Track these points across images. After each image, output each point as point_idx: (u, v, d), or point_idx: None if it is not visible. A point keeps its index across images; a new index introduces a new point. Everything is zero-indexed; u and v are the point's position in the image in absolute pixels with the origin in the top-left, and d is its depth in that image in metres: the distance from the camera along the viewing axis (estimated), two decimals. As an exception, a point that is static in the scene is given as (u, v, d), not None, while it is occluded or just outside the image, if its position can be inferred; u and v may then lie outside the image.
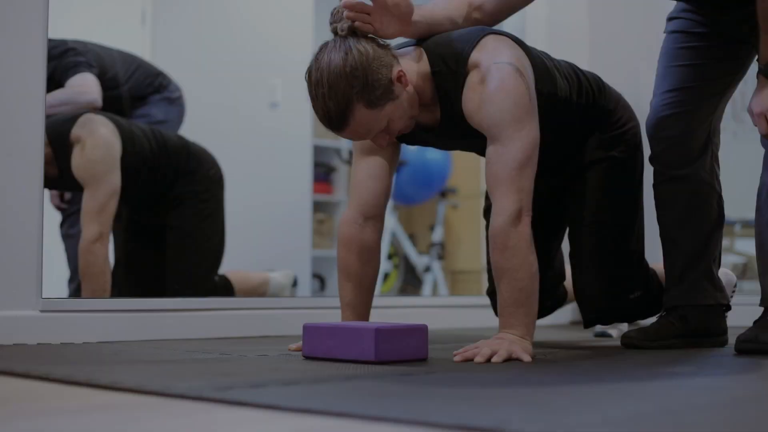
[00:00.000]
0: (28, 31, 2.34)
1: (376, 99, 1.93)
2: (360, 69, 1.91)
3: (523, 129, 1.93)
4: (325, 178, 5.76)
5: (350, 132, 1.97)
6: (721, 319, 2.30)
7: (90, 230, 2.87)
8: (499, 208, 1.92)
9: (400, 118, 2.00)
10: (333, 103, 1.92)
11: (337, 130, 1.97)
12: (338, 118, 1.94)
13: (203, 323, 2.65)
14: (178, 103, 3.59)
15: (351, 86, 1.90)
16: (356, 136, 1.99)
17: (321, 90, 1.92)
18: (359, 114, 1.93)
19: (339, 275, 2.21)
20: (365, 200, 2.17)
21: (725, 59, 2.25)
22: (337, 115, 1.93)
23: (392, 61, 1.98)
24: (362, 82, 1.91)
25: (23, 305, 2.29)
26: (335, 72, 1.91)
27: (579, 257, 2.31)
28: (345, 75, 1.90)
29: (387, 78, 1.94)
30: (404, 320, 3.07)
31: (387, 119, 1.97)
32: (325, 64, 1.93)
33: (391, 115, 1.97)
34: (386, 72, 1.94)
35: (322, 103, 1.93)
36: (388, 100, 1.95)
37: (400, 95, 1.97)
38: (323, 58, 1.94)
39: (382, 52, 1.97)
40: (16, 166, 2.30)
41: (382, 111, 1.95)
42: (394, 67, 1.97)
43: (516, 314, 1.92)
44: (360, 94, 1.91)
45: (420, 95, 2.04)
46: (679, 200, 2.27)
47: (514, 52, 2.01)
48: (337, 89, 1.91)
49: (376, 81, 1.92)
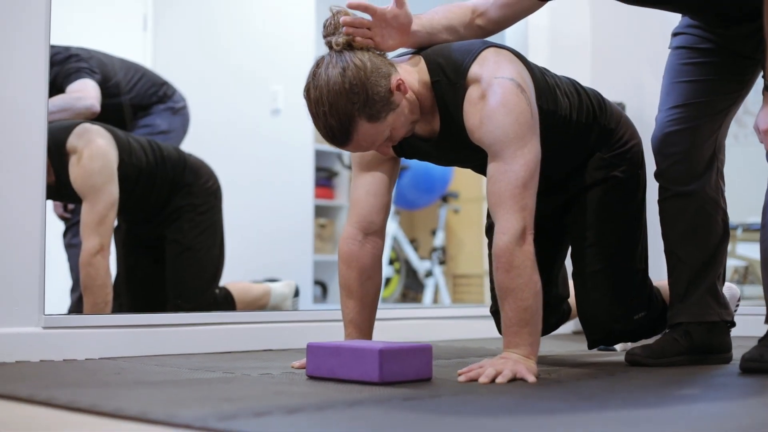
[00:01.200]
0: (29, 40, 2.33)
1: (377, 112, 1.92)
2: (359, 84, 1.90)
3: (525, 146, 1.92)
4: (327, 183, 5.76)
5: (354, 146, 1.97)
6: (726, 335, 2.29)
7: (90, 243, 2.86)
8: (503, 227, 1.91)
9: (402, 126, 1.99)
10: (335, 120, 1.91)
11: (341, 146, 1.97)
12: (341, 135, 1.93)
13: (206, 338, 2.64)
14: (182, 113, 3.58)
15: (352, 103, 1.90)
16: (360, 149, 1.99)
17: (322, 108, 1.91)
18: (362, 128, 1.92)
19: (341, 292, 2.20)
20: (365, 217, 2.16)
21: (731, 75, 2.24)
22: (341, 131, 1.93)
23: (390, 70, 1.96)
24: (363, 98, 1.90)
25: (25, 322, 2.28)
26: (335, 89, 1.90)
27: (582, 278, 2.30)
28: (345, 92, 1.90)
29: (386, 88, 1.93)
30: (406, 333, 3.09)
31: (389, 129, 1.96)
32: (324, 81, 1.92)
33: (393, 124, 1.96)
34: (385, 82, 1.93)
35: (324, 120, 1.93)
36: (389, 111, 1.94)
37: (401, 103, 1.96)
38: (321, 75, 1.93)
39: (379, 62, 1.96)
40: (17, 183, 2.29)
41: (384, 122, 1.94)
42: (393, 76, 1.95)
43: (520, 333, 1.92)
44: (361, 110, 1.91)
45: (420, 102, 2.03)
46: (684, 216, 2.26)
47: (516, 66, 2.00)
48: (338, 107, 1.90)
49: (375, 94, 1.91)
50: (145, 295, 3.32)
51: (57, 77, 3.22)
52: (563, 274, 2.50)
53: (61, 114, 3.12)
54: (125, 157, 3.01)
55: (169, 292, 3.22)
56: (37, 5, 2.34)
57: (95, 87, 3.24)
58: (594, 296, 2.27)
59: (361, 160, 2.17)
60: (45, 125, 2.35)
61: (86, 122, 3.00)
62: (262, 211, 4.67)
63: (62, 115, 3.12)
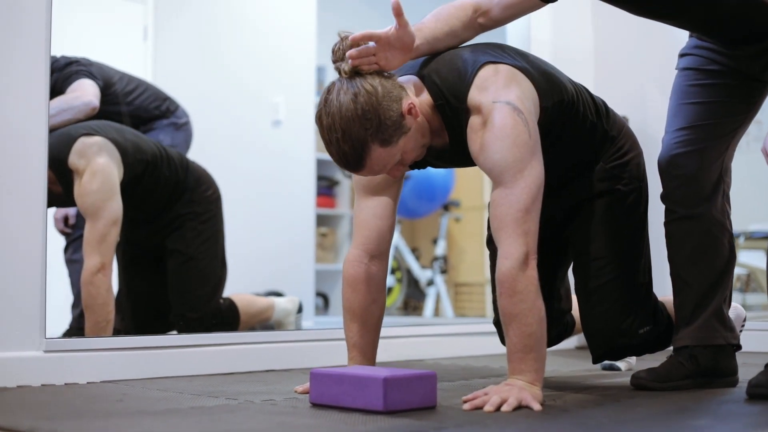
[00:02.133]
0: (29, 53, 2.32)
1: (390, 136, 1.93)
2: (371, 110, 1.90)
3: (525, 169, 1.91)
4: (328, 192, 5.75)
5: (367, 170, 1.97)
6: (732, 359, 2.28)
7: (91, 261, 2.84)
8: (505, 252, 1.90)
9: (412, 149, 2.00)
10: (348, 147, 1.91)
11: (354, 171, 1.98)
12: (355, 161, 1.94)
13: (208, 359, 2.63)
14: (184, 128, 3.57)
15: (365, 129, 1.90)
16: (372, 173, 1.99)
17: (335, 135, 1.91)
18: (375, 153, 1.93)
19: (344, 315, 2.19)
20: (370, 239, 2.16)
21: (738, 97, 2.22)
22: (354, 157, 1.93)
23: (401, 93, 1.96)
24: (375, 123, 1.90)
25: (27, 346, 2.27)
26: (347, 116, 1.90)
27: (586, 292, 2.29)
28: (357, 118, 1.89)
29: (398, 113, 1.93)
30: (409, 351, 3.08)
31: (401, 153, 1.97)
32: (336, 108, 1.91)
33: (405, 147, 1.97)
34: (396, 107, 1.93)
35: (337, 147, 1.92)
36: (401, 135, 1.95)
37: (412, 127, 1.97)
38: (332, 101, 1.93)
39: (389, 86, 1.95)
40: (18, 208, 2.28)
41: (396, 146, 1.95)
42: (404, 100, 1.95)
43: (525, 360, 1.90)
44: (374, 135, 1.91)
45: (428, 123, 2.03)
46: (690, 239, 2.24)
47: (513, 85, 1.98)
48: (350, 133, 1.90)
49: (388, 119, 1.91)
50: (148, 309, 3.30)
51: (56, 83, 3.22)
52: (566, 287, 2.49)
53: (62, 115, 3.10)
54: (129, 158, 2.99)
55: (173, 302, 3.21)
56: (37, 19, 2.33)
57: (93, 85, 3.24)
58: (598, 311, 2.26)
59: (367, 183, 2.16)
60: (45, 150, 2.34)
61: (84, 135, 2.96)
62: (263, 222, 4.66)
63: (63, 116, 3.11)
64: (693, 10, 2.08)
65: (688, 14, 2.11)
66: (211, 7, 4.93)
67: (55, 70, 3.23)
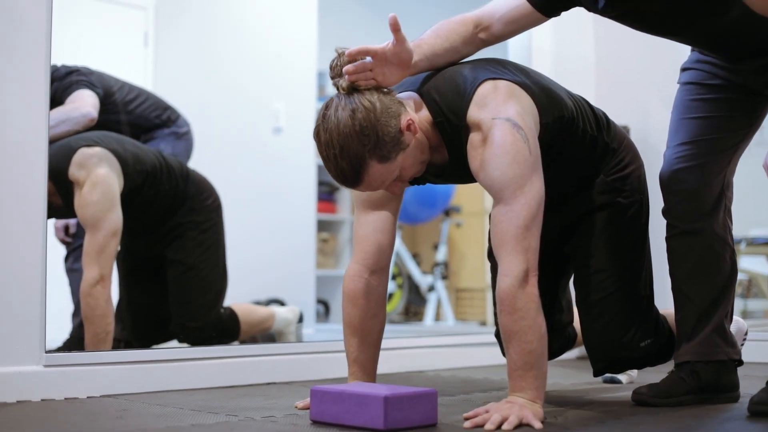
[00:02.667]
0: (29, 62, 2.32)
1: (388, 153, 1.92)
2: (370, 126, 1.90)
3: (525, 185, 1.91)
4: (329, 198, 5.75)
5: (365, 186, 1.96)
6: (733, 374, 2.27)
7: (90, 272, 2.84)
8: (506, 269, 1.90)
9: (411, 165, 1.99)
10: (346, 163, 1.91)
11: (352, 186, 1.97)
12: (353, 177, 1.93)
13: (208, 372, 2.62)
14: (185, 138, 3.57)
15: (363, 145, 1.89)
16: (370, 188, 1.99)
17: (333, 151, 1.91)
18: (373, 170, 1.92)
19: (345, 330, 2.18)
20: (370, 254, 2.15)
21: (740, 112, 2.21)
22: (352, 174, 1.92)
23: (400, 109, 1.96)
24: (374, 140, 1.90)
25: (26, 361, 2.27)
26: (345, 132, 1.89)
27: (587, 305, 2.28)
28: (355, 134, 1.89)
29: (396, 129, 1.92)
30: (409, 362, 3.08)
31: (399, 169, 1.96)
32: (334, 124, 1.91)
33: (403, 164, 1.96)
34: (395, 123, 1.93)
35: (335, 163, 1.92)
36: (400, 151, 1.94)
37: (410, 143, 1.96)
38: (330, 117, 1.92)
39: (388, 102, 1.95)
40: (18, 221, 2.28)
41: (394, 163, 1.94)
42: (402, 116, 1.95)
43: (526, 377, 1.90)
44: (372, 151, 1.90)
45: (427, 139, 2.03)
46: (691, 254, 2.24)
47: (513, 101, 1.97)
48: (348, 149, 1.89)
49: (386, 135, 1.91)
50: (148, 318, 3.30)
51: (56, 92, 3.21)
52: (567, 299, 2.49)
53: (61, 126, 3.10)
54: (129, 169, 2.99)
55: (173, 312, 3.20)
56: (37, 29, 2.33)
57: (92, 96, 3.23)
58: (599, 324, 2.25)
59: (367, 198, 2.16)
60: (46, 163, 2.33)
61: (84, 146, 2.96)
62: (264, 229, 4.66)
63: (62, 127, 3.10)
64: (696, 27, 2.07)
65: (691, 31, 2.10)
66: (211, 13, 4.93)
67: (55, 79, 3.22)
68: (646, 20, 2.10)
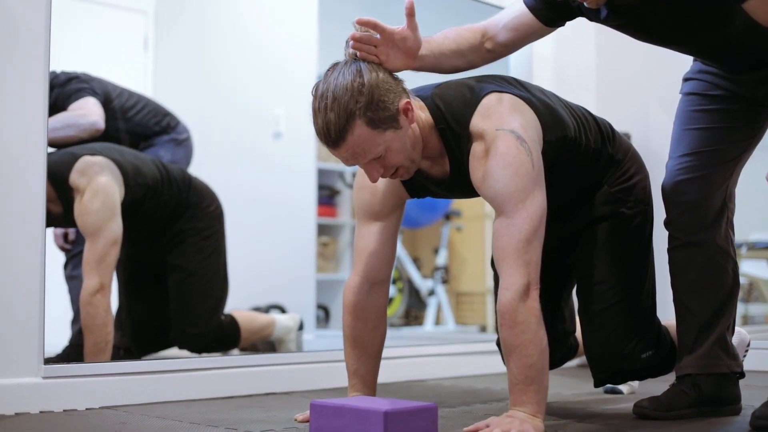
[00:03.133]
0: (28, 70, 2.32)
1: (379, 120, 1.89)
2: (367, 87, 1.88)
3: (527, 198, 1.89)
4: (329, 201, 5.73)
5: (346, 149, 1.90)
6: (735, 387, 2.26)
7: (90, 281, 2.83)
8: (507, 282, 1.88)
9: (398, 151, 1.94)
10: (334, 115, 1.87)
11: (334, 146, 1.91)
12: (336, 132, 1.88)
13: (207, 383, 2.61)
14: (185, 144, 3.56)
15: (355, 101, 1.87)
16: (351, 156, 1.92)
17: (324, 102, 1.88)
18: (358, 131, 1.88)
19: (345, 342, 2.17)
20: (372, 266, 2.14)
21: (742, 123, 2.20)
22: (336, 127, 1.87)
23: (402, 93, 1.94)
24: (367, 99, 1.87)
25: (25, 372, 2.26)
26: (342, 85, 1.88)
27: (589, 316, 2.27)
28: (350, 89, 1.87)
29: (393, 105, 1.91)
30: (410, 371, 3.06)
31: (385, 147, 1.92)
32: (333, 78, 1.90)
33: (390, 143, 1.92)
34: (393, 98, 1.91)
35: (323, 114, 1.88)
36: (391, 127, 1.91)
37: (405, 128, 1.93)
38: (332, 74, 1.92)
39: (393, 81, 1.94)
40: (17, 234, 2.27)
41: (382, 135, 1.90)
42: (402, 98, 1.93)
43: (526, 391, 1.89)
44: (363, 110, 1.87)
45: (426, 144, 2.01)
46: (693, 266, 2.23)
47: (517, 114, 1.97)
48: (340, 101, 1.87)
49: (381, 102, 1.89)
50: (149, 325, 3.29)
51: (57, 99, 3.21)
52: (570, 308, 2.48)
53: (66, 131, 3.10)
54: (130, 180, 2.98)
55: (173, 318, 3.19)
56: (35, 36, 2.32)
57: (97, 104, 3.23)
58: (601, 335, 2.24)
59: (369, 209, 2.15)
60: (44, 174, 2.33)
61: (87, 154, 2.95)
62: (265, 234, 4.65)
63: (67, 131, 3.10)
64: (699, 38, 2.06)
65: (693, 41, 2.09)
66: (212, 17, 4.92)
67: (55, 85, 3.22)
68: (648, 31, 2.09)
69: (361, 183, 2.16)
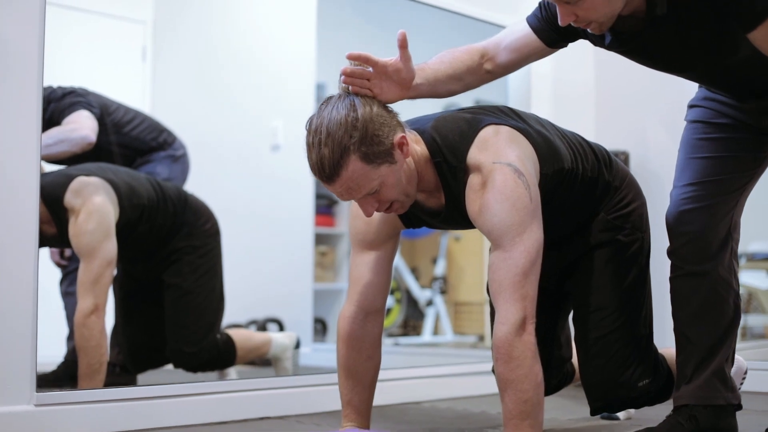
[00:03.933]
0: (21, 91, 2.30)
1: (373, 155, 1.87)
2: (361, 121, 1.86)
3: (525, 232, 1.88)
4: (327, 211, 5.72)
5: (340, 185, 1.89)
6: (732, 418, 2.24)
7: (85, 303, 2.81)
8: (502, 317, 1.87)
9: (393, 186, 1.92)
10: (328, 150, 1.85)
11: (328, 181, 1.89)
12: (331, 167, 1.86)
13: (201, 408, 2.60)
14: (182, 160, 3.54)
15: (349, 136, 1.85)
16: (345, 191, 1.90)
17: (318, 137, 1.86)
18: (353, 166, 1.86)
19: (339, 371, 2.16)
20: (366, 295, 2.13)
21: (747, 152, 2.18)
22: (331, 163, 1.85)
23: (396, 127, 1.92)
24: (361, 134, 1.85)
25: (17, 400, 2.24)
26: (335, 120, 1.86)
27: (585, 344, 2.25)
28: (344, 124, 1.85)
29: (388, 139, 1.89)
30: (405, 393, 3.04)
31: (380, 181, 1.90)
32: (327, 112, 1.88)
33: (385, 178, 1.90)
34: (388, 132, 1.89)
35: (318, 149, 1.86)
36: (385, 162, 1.89)
37: (400, 162, 1.92)
38: (326, 108, 1.90)
39: (387, 115, 1.92)
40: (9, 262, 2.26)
41: (377, 170, 1.88)
42: (397, 132, 1.91)
43: (521, 427, 1.87)
44: (357, 146, 1.85)
45: (422, 178, 2.00)
46: (695, 297, 2.20)
47: (514, 147, 1.95)
48: (334, 136, 1.85)
49: (375, 137, 1.87)
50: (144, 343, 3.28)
51: (53, 114, 3.19)
52: (566, 334, 2.46)
53: (59, 146, 3.08)
54: (125, 201, 2.96)
55: (169, 336, 3.18)
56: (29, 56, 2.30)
57: (90, 117, 3.21)
58: (597, 363, 2.22)
59: (364, 238, 2.13)
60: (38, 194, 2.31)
61: (82, 175, 2.94)
62: (262, 247, 4.64)
63: (59, 147, 3.08)
64: (703, 66, 2.04)
65: (698, 69, 2.07)
66: (210, 28, 4.90)
67: (51, 100, 3.20)
68: (653, 58, 2.08)
69: (356, 212, 2.14)
